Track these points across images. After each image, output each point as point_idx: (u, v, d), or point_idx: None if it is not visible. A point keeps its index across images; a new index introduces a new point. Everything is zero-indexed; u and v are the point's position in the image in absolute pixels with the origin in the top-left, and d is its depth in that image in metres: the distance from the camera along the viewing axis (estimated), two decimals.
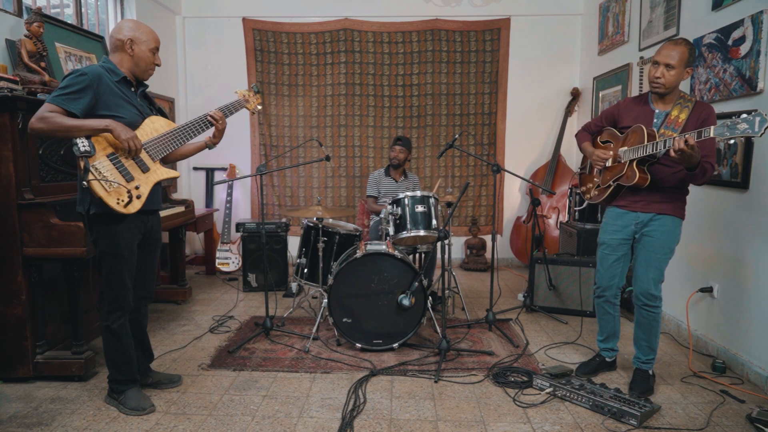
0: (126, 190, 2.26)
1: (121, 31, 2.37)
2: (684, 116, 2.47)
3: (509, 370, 2.88)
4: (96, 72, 2.26)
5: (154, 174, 2.39)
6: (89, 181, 2.16)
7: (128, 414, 2.44)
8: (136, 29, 2.38)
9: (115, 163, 2.26)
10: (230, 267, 5.13)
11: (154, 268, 2.67)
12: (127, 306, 2.44)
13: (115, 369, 2.49)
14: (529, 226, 5.25)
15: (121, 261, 2.37)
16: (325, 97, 5.44)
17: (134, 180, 2.31)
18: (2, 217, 2.59)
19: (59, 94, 2.19)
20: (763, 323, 2.75)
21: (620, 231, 2.69)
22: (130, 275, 2.43)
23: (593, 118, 2.89)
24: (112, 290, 2.39)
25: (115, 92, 2.31)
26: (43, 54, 3.06)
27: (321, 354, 3.13)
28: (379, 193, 4.29)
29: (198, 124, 2.52)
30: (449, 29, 5.34)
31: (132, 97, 2.40)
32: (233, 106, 2.70)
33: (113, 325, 2.41)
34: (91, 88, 2.22)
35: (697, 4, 3.31)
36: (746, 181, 2.86)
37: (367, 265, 3.14)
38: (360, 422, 2.39)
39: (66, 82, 2.21)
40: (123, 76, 2.36)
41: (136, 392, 2.51)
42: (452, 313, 3.91)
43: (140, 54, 2.38)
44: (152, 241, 2.58)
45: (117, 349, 2.45)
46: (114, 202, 2.22)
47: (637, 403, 2.40)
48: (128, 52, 2.36)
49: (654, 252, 2.58)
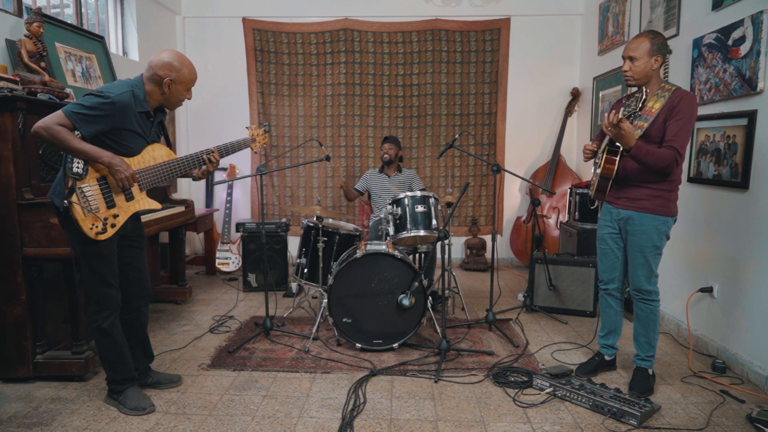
0: (102, 219, 2.24)
1: (164, 66, 2.30)
2: (659, 105, 2.49)
3: (509, 370, 2.88)
4: (124, 102, 2.22)
5: (136, 204, 2.38)
6: (71, 202, 2.16)
7: (128, 414, 2.43)
8: (180, 68, 2.32)
9: (102, 188, 2.25)
10: (230, 267, 5.13)
11: (146, 266, 2.65)
12: (114, 304, 2.42)
13: (111, 369, 2.48)
14: (529, 226, 5.25)
15: (101, 259, 2.34)
16: (325, 97, 5.44)
17: (115, 207, 2.30)
18: (2, 217, 2.59)
19: (78, 111, 2.15)
20: (763, 323, 2.75)
21: (609, 225, 2.74)
22: (113, 273, 2.39)
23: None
24: (96, 290, 2.37)
25: (134, 125, 2.29)
26: (43, 54, 3.06)
27: (321, 354, 3.13)
28: (367, 188, 4.36)
29: (195, 161, 2.49)
30: (449, 29, 5.34)
31: (146, 128, 2.38)
32: (239, 145, 2.68)
33: (103, 324, 2.39)
34: (112, 117, 2.20)
35: (697, 4, 3.31)
36: (746, 181, 2.86)
37: (367, 265, 3.14)
38: (360, 422, 2.39)
39: (92, 102, 2.17)
40: (147, 110, 2.34)
41: (136, 392, 2.50)
42: (452, 313, 3.91)
43: (176, 93, 2.36)
44: (136, 238, 2.55)
45: (110, 348, 2.44)
46: (87, 228, 2.21)
47: (637, 403, 2.40)
48: (164, 90, 2.33)
49: (639, 250, 2.59)
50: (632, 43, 2.53)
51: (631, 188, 2.60)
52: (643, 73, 2.51)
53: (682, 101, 2.44)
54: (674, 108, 2.44)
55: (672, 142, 2.41)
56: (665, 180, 2.53)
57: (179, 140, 5.47)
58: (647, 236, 2.56)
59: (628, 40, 4.20)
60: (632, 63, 2.51)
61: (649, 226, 2.56)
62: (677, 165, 2.45)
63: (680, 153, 2.42)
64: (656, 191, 2.54)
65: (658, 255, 2.60)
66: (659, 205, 2.54)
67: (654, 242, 2.57)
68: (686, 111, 2.42)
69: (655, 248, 2.58)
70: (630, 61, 2.52)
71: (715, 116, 3.09)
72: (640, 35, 2.54)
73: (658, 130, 2.48)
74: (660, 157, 2.40)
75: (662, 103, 2.49)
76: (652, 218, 2.55)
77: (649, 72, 2.51)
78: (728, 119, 2.98)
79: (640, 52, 2.49)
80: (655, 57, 2.49)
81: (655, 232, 2.56)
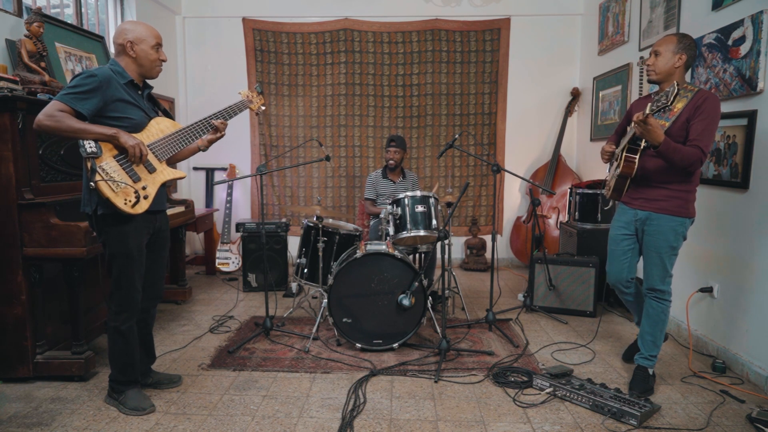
0: (133, 191, 2.26)
1: (120, 34, 2.36)
2: (681, 105, 2.48)
3: (509, 370, 2.88)
4: (105, 74, 2.27)
5: (160, 174, 2.40)
6: (96, 182, 2.16)
7: (128, 414, 2.44)
8: (135, 29, 2.38)
9: (122, 163, 2.27)
10: (230, 267, 5.13)
11: (164, 269, 2.67)
12: (136, 307, 2.44)
13: (118, 369, 2.49)
14: (529, 226, 5.25)
15: (131, 262, 2.36)
16: (325, 97, 5.44)
17: (141, 180, 2.31)
18: (2, 217, 2.59)
19: (69, 92, 2.18)
20: (763, 323, 2.75)
21: (624, 227, 2.73)
22: (140, 276, 2.42)
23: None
24: (122, 291, 2.39)
25: (123, 95, 2.32)
26: (43, 54, 3.06)
27: (321, 354, 3.13)
28: (377, 196, 4.29)
29: (202, 127, 2.53)
30: (449, 29, 5.34)
31: (139, 100, 2.41)
32: (237, 107, 2.71)
33: (122, 327, 2.41)
34: (101, 90, 2.22)
35: (697, 4, 3.31)
36: (746, 181, 2.86)
37: (367, 265, 3.14)
38: (360, 422, 2.39)
39: (76, 81, 2.21)
40: (130, 79, 2.37)
41: (137, 392, 2.51)
42: (452, 313, 3.91)
43: (143, 54, 2.38)
44: (160, 240, 2.58)
45: (122, 350, 2.45)
46: (122, 203, 2.22)
47: (637, 403, 2.40)
48: (131, 55, 2.36)
49: (655, 250, 2.60)
50: (661, 38, 2.58)
51: (649, 188, 2.59)
52: (664, 68, 2.52)
53: (707, 101, 2.42)
54: (698, 108, 2.42)
55: (697, 141, 2.39)
56: (684, 181, 2.52)
57: None
58: (664, 237, 2.56)
59: (628, 40, 4.24)
60: (656, 57, 2.54)
61: (666, 227, 2.55)
62: (701, 164, 2.44)
63: (705, 152, 2.39)
64: (675, 192, 2.53)
65: (674, 256, 2.60)
66: (677, 206, 2.54)
67: (671, 243, 2.56)
68: (711, 111, 2.41)
69: (671, 249, 2.57)
70: (654, 56, 2.55)
71: None
72: (670, 34, 2.58)
73: (680, 130, 2.46)
74: (687, 155, 2.38)
75: (684, 103, 2.47)
76: (670, 219, 2.54)
77: (671, 69, 2.52)
78: (728, 119, 2.98)
79: (665, 48, 2.51)
80: (679, 55, 2.49)
81: (672, 233, 2.55)
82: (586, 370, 2.93)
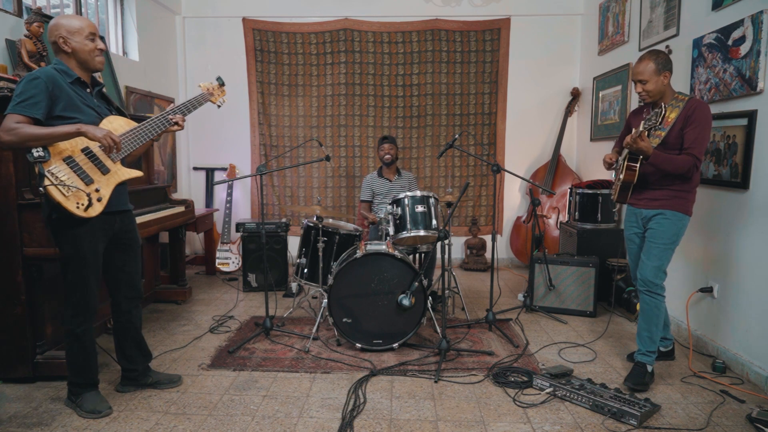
0: (85, 194, 2.21)
1: (52, 31, 2.29)
2: (674, 115, 2.65)
3: (509, 370, 2.88)
4: (49, 74, 2.21)
5: (115, 175, 2.34)
6: (45, 186, 2.12)
7: (84, 417, 2.41)
8: (66, 23, 2.29)
9: (72, 166, 2.21)
10: (230, 267, 5.13)
11: (139, 268, 2.63)
12: (92, 311, 2.40)
13: (75, 372, 2.45)
14: (529, 226, 5.25)
15: (84, 265, 2.33)
16: (325, 97, 5.44)
17: (94, 183, 2.26)
18: (2, 217, 2.59)
19: (19, 102, 2.13)
20: (763, 323, 2.75)
21: (634, 225, 2.88)
22: (95, 279, 2.38)
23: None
24: (76, 294, 2.35)
25: (70, 94, 2.26)
26: (43, 54, 3.06)
27: (321, 354, 3.13)
28: (373, 196, 4.29)
29: (159, 123, 2.45)
30: (449, 29, 5.34)
31: (88, 99, 2.35)
32: (197, 101, 2.64)
33: (77, 330, 2.38)
34: (46, 90, 2.18)
35: (697, 4, 3.31)
36: (746, 181, 2.86)
37: (367, 265, 3.14)
38: (360, 422, 2.39)
39: (20, 88, 2.16)
40: (77, 77, 2.31)
41: (94, 395, 2.47)
42: (452, 313, 3.91)
43: (78, 47, 2.30)
44: (126, 241, 2.53)
45: (79, 353, 2.42)
46: (73, 207, 2.18)
47: (637, 403, 2.41)
48: (66, 50, 2.29)
49: (654, 241, 2.71)
50: (638, 67, 2.68)
51: (651, 190, 2.74)
52: (656, 90, 2.67)
53: (696, 111, 2.59)
54: (689, 117, 2.59)
55: (691, 149, 2.58)
56: (684, 182, 2.66)
57: (179, 140, 5.47)
58: (663, 230, 2.68)
59: (628, 40, 4.24)
60: (644, 85, 2.68)
61: (667, 222, 2.68)
62: (697, 169, 2.61)
63: (699, 158, 2.58)
64: (675, 191, 2.68)
65: (670, 251, 2.70)
66: (679, 204, 2.68)
67: (669, 236, 2.68)
68: (701, 119, 2.58)
69: (670, 242, 2.69)
70: (642, 84, 2.68)
71: (715, 116, 3.08)
72: (642, 58, 2.69)
73: (675, 138, 2.63)
74: (680, 164, 2.58)
75: (677, 113, 2.64)
76: (672, 214, 2.68)
77: (662, 88, 2.68)
78: (728, 119, 2.99)
79: (648, 74, 2.65)
80: (663, 74, 2.65)
81: (672, 227, 2.68)
82: (586, 370, 2.93)
